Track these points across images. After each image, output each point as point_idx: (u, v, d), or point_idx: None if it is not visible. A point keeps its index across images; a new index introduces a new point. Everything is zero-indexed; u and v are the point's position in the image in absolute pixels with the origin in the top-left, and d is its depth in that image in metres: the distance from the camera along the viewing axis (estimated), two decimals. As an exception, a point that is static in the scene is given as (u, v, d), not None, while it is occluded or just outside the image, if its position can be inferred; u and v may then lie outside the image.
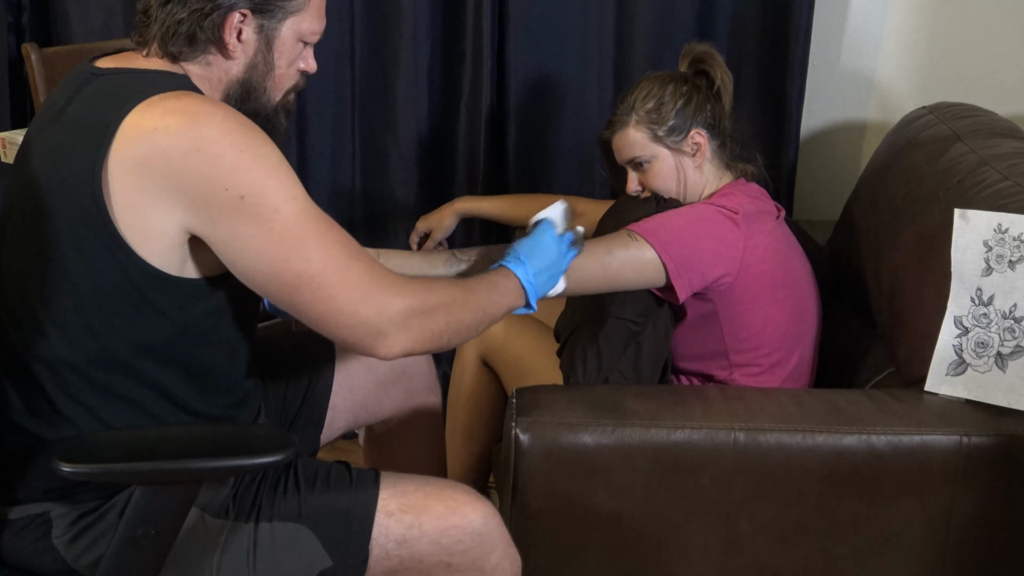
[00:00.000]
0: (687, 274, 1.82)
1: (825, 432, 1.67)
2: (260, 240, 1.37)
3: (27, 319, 1.45)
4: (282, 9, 1.49)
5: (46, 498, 1.48)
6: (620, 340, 1.86)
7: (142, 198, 1.36)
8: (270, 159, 1.38)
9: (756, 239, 1.87)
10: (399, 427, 2.00)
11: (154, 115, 1.36)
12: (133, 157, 1.35)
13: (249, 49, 1.49)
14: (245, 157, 1.35)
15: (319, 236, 1.39)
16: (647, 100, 1.97)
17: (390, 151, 2.73)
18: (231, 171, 1.35)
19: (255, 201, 1.35)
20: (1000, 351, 1.69)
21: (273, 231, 1.36)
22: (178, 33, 1.45)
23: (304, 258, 1.38)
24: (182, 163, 1.34)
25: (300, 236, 1.38)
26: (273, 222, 1.36)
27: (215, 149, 1.34)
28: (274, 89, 1.54)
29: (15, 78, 2.78)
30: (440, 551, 1.53)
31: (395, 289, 1.43)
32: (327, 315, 1.40)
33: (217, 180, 1.35)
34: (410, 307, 1.43)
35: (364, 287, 1.41)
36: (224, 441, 1.47)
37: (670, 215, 1.89)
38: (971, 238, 1.73)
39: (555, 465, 1.68)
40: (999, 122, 2.17)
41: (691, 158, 1.97)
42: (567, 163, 2.67)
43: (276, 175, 1.38)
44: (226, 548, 1.50)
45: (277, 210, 1.36)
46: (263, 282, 1.40)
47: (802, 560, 1.72)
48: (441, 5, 2.64)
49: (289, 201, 1.38)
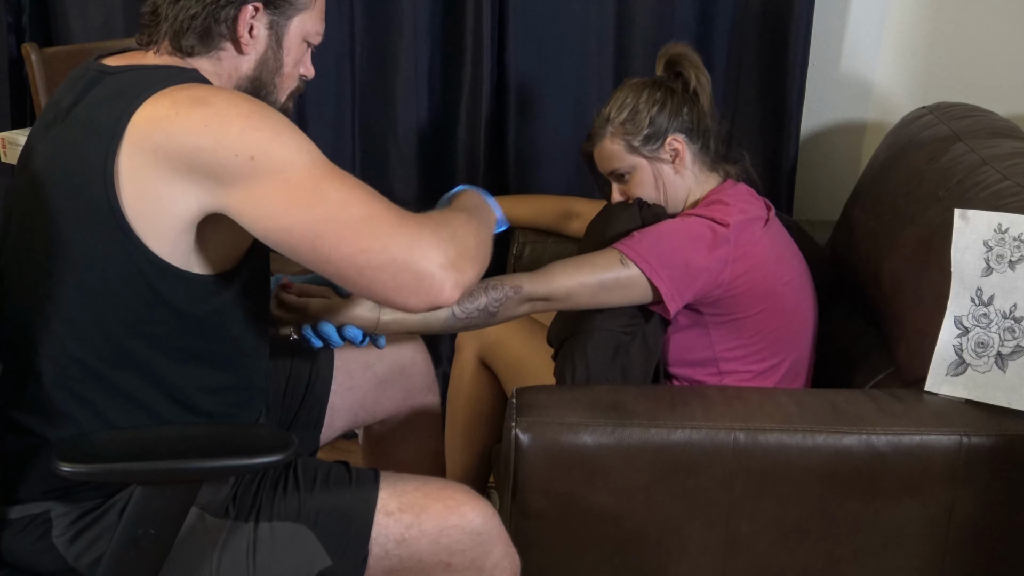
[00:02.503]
0: (677, 294, 1.82)
1: (825, 432, 1.67)
2: (278, 196, 1.34)
3: (33, 316, 1.45)
4: (292, 5, 1.51)
5: (46, 497, 1.48)
6: (608, 350, 1.87)
7: (156, 185, 1.36)
8: (277, 121, 1.38)
9: (746, 250, 1.87)
10: (398, 426, 2.00)
11: (164, 105, 1.37)
12: (146, 146, 1.36)
13: (260, 45, 1.50)
14: (251, 121, 1.35)
15: (334, 179, 1.36)
16: (621, 110, 1.97)
17: (390, 151, 2.73)
18: (238, 136, 1.34)
19: (266, 159, 1.34)
20: (1000, 351, 1.69)
21: (289, 183, 1.34)
22: (191, 28, 1.46)
23: (325, 199, 1.34)
24: (192, 141, 1.34)
25: (316, 180, 1.35)
26: (287, 174, 1.34)
27: (222, 120, 1.35)
28: (281, 89, 1.55)
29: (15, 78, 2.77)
30: (439, 551, 1.53)
31: (420, 221, 1.38)
32: (358, 259, 1.33)
33: (227, 148, 1.34)
34: (438, 235, 1.37)
35: (392, 223, 1.35)
36: (224, 441, 1.47)
37: (660, 233, 1.87)
38: (971, 238, 1.73)
39: (555, 465, 1.68)
40: (999, 122, 2.17)
41: (670, 165, 1.96)
42: (567, 163, 2.67)
43: (284, 133, 1.37)
44: (226, 548, 1.50)
45: (290, 163, 1.35)
46: (288, 240, 1.35)
47: (802, 560, 1.72)
48: (441, 5, 2.64)
49: (301, 153, 1.36)
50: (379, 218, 1.35)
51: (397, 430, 2.00)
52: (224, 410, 1.55)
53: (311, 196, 1.34)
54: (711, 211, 1.89)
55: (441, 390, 2.14)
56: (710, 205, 1.92)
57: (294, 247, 1.36)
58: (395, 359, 1.96)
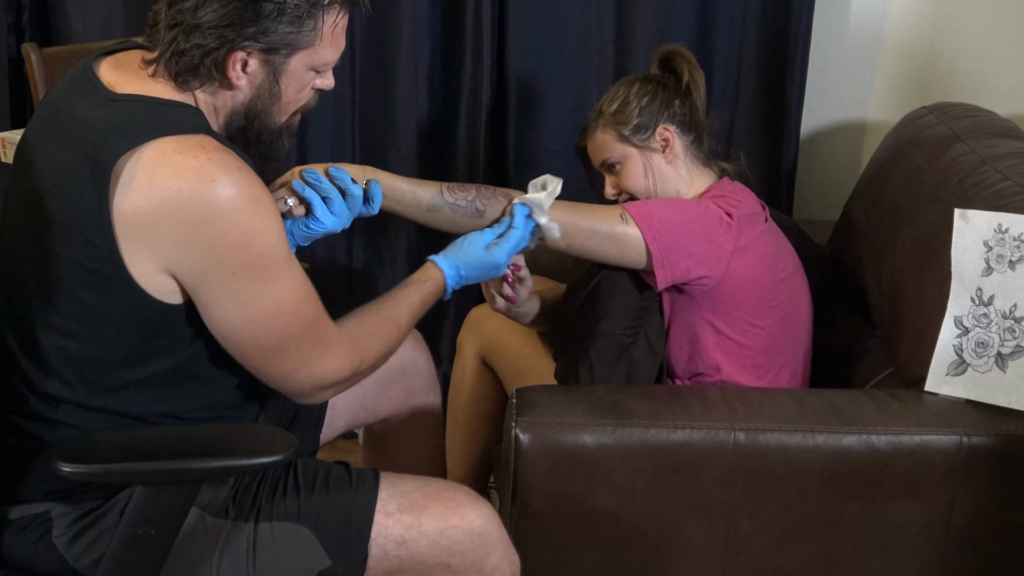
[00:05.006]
0: (670, 265, 1.81)
1: (825, 432, 1.67)
2: (238, 306, 1.40)
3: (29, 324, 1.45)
4: (289, 46, 1.44)
5: (47, 498, 1.48)
6: (611, 354, 1.86)
7: (142, 245, 1.37)
8: (270, 237, 1.40)
9: (746, 243, 1.87)
10: (398, 426, 2.00)
11: (166, 172, 1.35)
12: (141, 209, 1.35)
13: (255, 80, 1.46)
14: (247, 239, 1.37)
15: (295, 312, 1.44)
16: (612, 102, 1.98)
17: (390, 151, 2.73)
18: (231, 250, 1.37)
19: (246, 279, 1.39)
20: (1000, 351, 1.69)
21: (255, 304, 1.40)
22: (181, 63, 1.42)
23: (273, 326, 1.43)
24: (187, 232, 1.35)
25: (277, 310, 1.42)
26: (256, 295, 1.40)
27: (221, 226, 1.35)
28: (279, 113, 1.52)
29: (15, 78, 2.77)
30: (439, 552, 1.53)
31: (341, 346, 1.51)
32: (281, 365, 1.46)
33: (215, 255, 1.37)
34: (350, 364, 1.52)
35: (321, 346, 1.47)
36: (224, 441, 1.47)
37: (669, 203, 1.88)
38: (971, 238, 1.73)
39: (555, 465, 1.68)
40: (999, 122, 2.17)
41: (660, 154, 1.96)
42: (567, 163, 2.67)
43: (271, 255, 1.40)
44: (226, 548, 1.50)
45: (264, 285, 1.40)
46: (229, 332, 1.43)
47: (802, 560, 1.72)
48: (441, 5, 2.64)
49: (278, 282, 1.42)
50: (313, 343, 1.48)
51: (398, 430, 2.00)
52: (220, 414, 1.56)
53: (268, 321, 1.43)
54: (718, 201, 1.90)
55: (442, 390, 2.14)
56: (716, 197, 1.92)
57: (231, 339, 1.45)
58: (396, 359, 1.95)
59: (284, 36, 1.42)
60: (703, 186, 1.98)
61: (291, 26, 1.42)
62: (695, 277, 1.84)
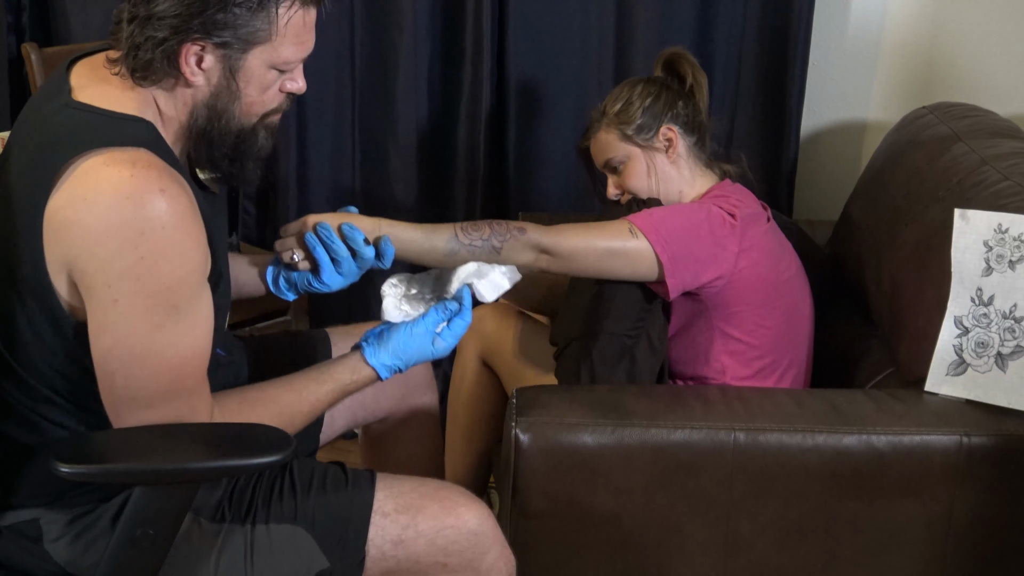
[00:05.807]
0: (681, 273, 1.81)
1: (825, 432, 1.66)
2: (108, 335, 1.36)
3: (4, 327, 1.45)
4: (243, 41, 1.40)
5: (35, 504, 1.48)
6: (614, 354, 1.86)
7: (55, 247, 1.35)
8: (171, 274, 1.34)
9: (751, 242, 1.87)
10: (397, 425, 2.00)
11: (89, 184, 1.32)
12: (61, 216, 1.33)
13: (212, 76, 1.42)
14: (143, 267, 1.32)
15: (178, 367, 1.38)
16: (616, 102, 1.99)
17: (390, 151, 2.73)
18: (120, 274, 1.33)
19: (126, 309, 1.34)
20: (1000, 351, 1.69)
21: (129, 339, 1.35)
22: (138, 58, 1.40)
23: (142, 373, 1.37)
24: (89, 243, 1.32)
25: (153, 356, 1.37)
26: (133, 330, 1.35)
27: (114, 245, 1.32)
28: (244, 114, 1.47)
29: (15, 78, 2.77)
30: (436, 552, 1.53)
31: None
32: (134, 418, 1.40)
33: (103, 275, 1.33)
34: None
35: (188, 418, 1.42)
36: (223, 442, 1.47)
37: (672, 210, 1.88)
38: (971, 238, 1.73)
39: (555, 465, 1.68)
40: (999, 122, 2.17)
41: (664, 154, 1.97)
42: (567, 164, 2.67)
43: (169, 293, 1.35)
44: (223, 551, 1.50)
45: (145, 325, 1.35)
46: (99, 360, 1.38)
47: (802, 560, 1.72)
48: (441, 5, 2.64)
49: (162, 328, 1.36)
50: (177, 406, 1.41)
51: (396, 429, 2.00)
52: None
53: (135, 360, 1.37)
54: (720, 202, 1.90)
55: (441, 390, 2.14)
56: (718, 198, 1.92)
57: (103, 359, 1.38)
58: None
59: (236, 29, 1.39)
60: (705, 187, 1.99)
61: (241, 19, 1.39)
62: (705, 281, 1.85)
